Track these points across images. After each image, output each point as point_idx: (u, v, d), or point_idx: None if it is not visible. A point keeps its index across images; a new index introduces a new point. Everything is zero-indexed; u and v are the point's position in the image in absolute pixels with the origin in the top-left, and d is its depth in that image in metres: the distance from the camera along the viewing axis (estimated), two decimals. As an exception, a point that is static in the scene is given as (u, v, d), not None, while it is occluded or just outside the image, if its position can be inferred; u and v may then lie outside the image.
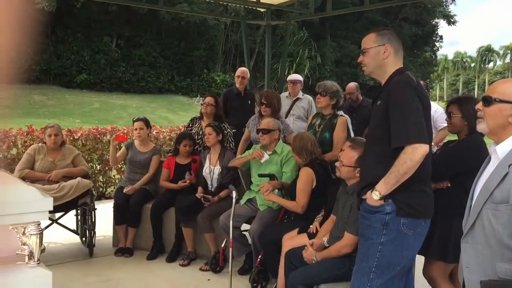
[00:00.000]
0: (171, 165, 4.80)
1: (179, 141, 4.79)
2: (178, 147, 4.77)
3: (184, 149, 4.74)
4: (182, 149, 4.75)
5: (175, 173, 4.76)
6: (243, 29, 8.53)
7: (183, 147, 4.74)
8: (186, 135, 4.88)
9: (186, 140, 4.76)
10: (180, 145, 4.74)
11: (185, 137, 4.81)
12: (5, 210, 2.14)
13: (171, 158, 4.83)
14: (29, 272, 2.20)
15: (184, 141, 4.75)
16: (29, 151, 4.59)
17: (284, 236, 3.54)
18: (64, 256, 4.47)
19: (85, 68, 19.62)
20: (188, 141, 4.77)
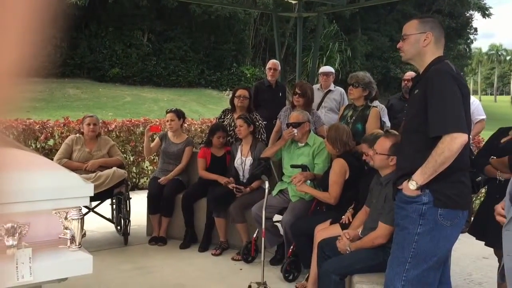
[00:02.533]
0: (207, 155, 4.82)
1: (212, 132, 4.78)
2: (211, 139, 4.77)
3: (217, 140, 4.73)
4: (216, 141, 4.74)
5: (211, 165, 4.79)
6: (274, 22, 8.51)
7: (216, 139, 4.73)
8: (219, 127, 4.86)
9: (219, 132, 4.75)
10: (214, 136, 4.74)
11: (219, 129, 4.80)
12: (48, 195, 2.21)
13: (206, 149, 4.83)
14: (71, 255, 2.27)
15: (218, 133, 4.74)
16: (67, 141, 4.72)
17: (317, 227, 3.55)
18: (100, 244, 4.59)
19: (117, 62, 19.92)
20: (222, 132, 4.76)
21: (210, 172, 4.75)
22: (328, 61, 21.68)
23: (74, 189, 2.28)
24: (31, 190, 2.15)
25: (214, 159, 4.80)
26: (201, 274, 4.00)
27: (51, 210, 2.25)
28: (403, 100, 5.67)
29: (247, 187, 4.43)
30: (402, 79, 5.88)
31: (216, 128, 4.85)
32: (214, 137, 4.74)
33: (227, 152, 4.80)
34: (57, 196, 2.22)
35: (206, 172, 4.76)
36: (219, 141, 4.74)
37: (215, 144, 4.77)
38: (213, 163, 4.78)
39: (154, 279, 3.85)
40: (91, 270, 2.29)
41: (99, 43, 19.88)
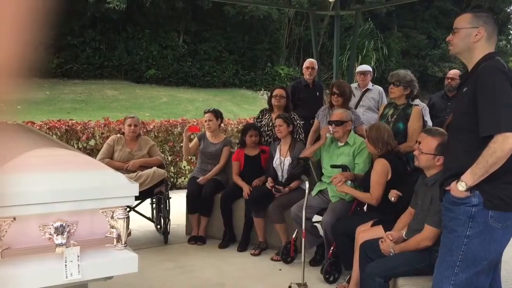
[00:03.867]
0: (240, 157, 4.83)
1: (244, 132, 4.81)
2: (244, 139, 4.78)
3: (250, 139, 4.74)
4: (249, 140, 4.75)
5: (245, 165, 4.80)
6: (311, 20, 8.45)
7: (249, 138, 4.74)
8: (251, 126, 4.90)
9: (251, 131, 4.76)
10: (246, 136, 4.75)
11: (250, 128, 4.83)
12: (95, 194, 2.26)
13: (239, 151, 4.85)
14: (117, 254, 2.31)
15: (249, 132, 4.75)
16: (109, 142, 4.81)
17: (358, 228, 3.50)
18: (141, 243, 4.67)
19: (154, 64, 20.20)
20: (254, 131, 4.77)
21: (244, 172, 4.79)
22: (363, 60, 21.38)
23: (120, 189, 2.32)
24: (79, 189, 2.19)
25: (247, 160, 4.81)
26: (241, 274, 4.01)
27: (98, 209, 2.29)
28: (446, 99, 5.54)
29: (285, 187, 4.41)
30: (445, 77, 5.74)
31: (247, 127, 4.90)
32: (246, 136, 4.76)
33: (262, 151, 4.80)
34: (104, 195, 2.26)
35: (238, 178, 4.78)
36: (252, 139, 4.75)
37: (249, 143, 4.78)
38: (247, 164, 4.80)
39: (195, 278, 3.88)
40: (136, 268, 2.33)
41: (136, 45, 20.20)
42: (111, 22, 19.67)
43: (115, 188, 2.30)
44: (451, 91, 5.48)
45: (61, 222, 2.17)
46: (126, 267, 2.32)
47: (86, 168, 2.29)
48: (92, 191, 2.23)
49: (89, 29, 19.39)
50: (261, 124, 5.14)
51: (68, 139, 6.34)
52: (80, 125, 6.55)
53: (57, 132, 6.31)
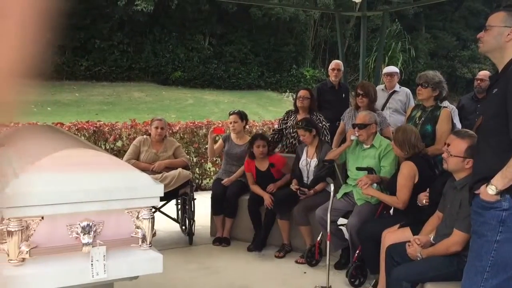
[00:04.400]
0: (251, 168, 4.72)
1: (251, 143, 4.65)
2: (252, 150, 4.64)
3: (258, 150, 4.57)
4: (257, 151, 4.58)
5: (257, 179, 4.73)
6: (337, 22, 8.39)
7: (256, 149, 4.58)
8: (257, 136, 4.75)
9: (258, 141, 4.61)
10: (253, 146, 4.60)
11: (257, 138, 4.67)
12: (121, 194, 2.28)
13: (250, 161, 4.72)
14: (143, 254, 2.33)
15: (256, 142, 4.60)
16: (135, 143, 4.87)
17: (384, 232, 3.44)
18: (166, 243, 4.70)
19: (180, 66, 20.40)
20: (261, 141, 4.61)
21: (258, 185, 4.69)
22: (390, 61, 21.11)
23: (146, 189, 2.33)
24: (106, 189, 2.22)
25: (258, 174, 4.70)
26: (265, 276, 3.99)
27: (123, 210, 2.31)
28: (476, 101, 5.41)
29: (311, 190, 4.38)
30: (475, 79, 5.61)
31: (254, 137, 4.74)
32: (253, 146, 4.60)
33: (271, 165, 4.65)
34: (130, 196, 2.28)
35: (255, 187, 4.68)
36: (259, 150, 4.58)
37: (257, 154, 4.61)
38: (259, 177, 4.70)
39: (220, 280, 3.89)
40: (161, 269, 2.34)
41: (162, 47, 20.45)
42: (138, 25, 19.96)
43: (140, 188, 2.32)
44: (480, 93, 5.35)
45: (88, 221, 2.19)
46: (151, 267, 2.33)
47: (113, 169, 2.32)
48: (118, 191, 2.25)
49: (117, 32, 19.72)
50: (286, 125, 5.12)
51: (96, 140, 6.45)
52: (107, 126, 6.66)
53: (85, 133, 6.42)
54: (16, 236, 2.02)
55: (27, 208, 2.05)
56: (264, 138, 4.69)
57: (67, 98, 16.58)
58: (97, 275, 2.15)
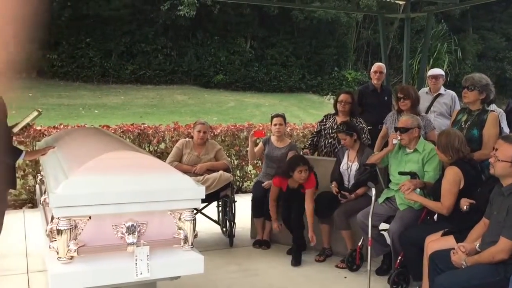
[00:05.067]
0: (283, 186, 4.44)
1: (292, 167, 4.28)
2: (291, 174, 4.29)
3: (299, 175, 4.25)
4: (297, 176, 4.26)
5: (285, 194, 4.46)
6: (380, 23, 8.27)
7: (298, 174, 4.25)
8: (299, 160, 4.34)
9: (300, 167, 4.24)
10: (295, 172, 4.25)
11: (299, 163, 4.28)
12: (164, 196, 2.34)
13: (283, 180, 4.40)
14: (184, 255, 2.38)
15: (298, 167, 4.24)
16: (178, 145, 4.96)
17: (428, 238, 3.37)
18: (207, 245, 4.76)
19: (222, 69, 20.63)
20: (303, 166, 4.25)
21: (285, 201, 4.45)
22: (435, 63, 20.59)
23: (188, 192, 2.39)
24: (149, 191, 2.28)
25: (288, 191, 4.44)
26: (305, 280, 3.98)
27: (166, 211, 2.38)
28: None
29: (352, 193, 4.33)
30: None
31: (296, 161, 4.34)
32: (295, 172, 4.26)
33: (301, 186, 4.35)
34: (173, 197, 2.34)
35: (273, 206, 4.48)
36: (301, 176, 4.26)
37: (296, 178, 4.30)
38: (287, 195, 4.45)
39: (259, 282, 3.91)
40: (202, 270, 2.38)
41: (205, 51, 20.75)
42: (181, 30, 20.33)
43: (183, 190, 2.37)
44: None
45: (132, 222, 2.27)
46: (193, 268, 2.38)
47: (157, 171, 2.38)
48: (161, 193, 2.31)
49: (161, 36, 20.16)
50: (325, 127, 5.10)
51: (140, 142, 6.61)
52: (151, 129, 6.81)
53: (130, 136, 6.59)
54: (65, 235, 2.11)
55: (75, 208, 2.14)
56: (306, 162, 4.31)
57: (113, 101, 17.06)
58: (141, 274, 2.21)
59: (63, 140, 3.45)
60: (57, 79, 18.74)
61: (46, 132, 6.06)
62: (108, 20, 19.26)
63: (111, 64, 19.25)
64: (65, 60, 18.77)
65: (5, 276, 3.62)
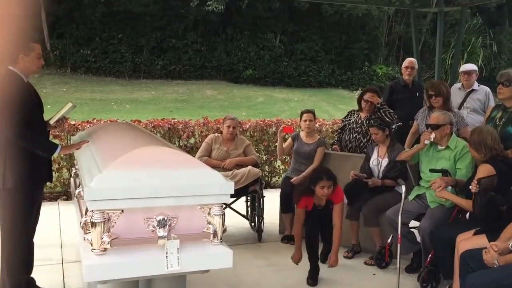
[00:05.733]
0: (308, 206, 3.82)
1: (314, 181, 3.71)
2: (313, 188, 3.72)
3: (321, 191, 3.66)
4: (320, 192, 3.67)
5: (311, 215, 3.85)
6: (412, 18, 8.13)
7: (320, 189, 3.67)
8: (322, 174, 3.74)
9: (323, 181, 3.65)
10: (317, 187, 3.68)
11: (322, 177, 3.68)
12: (195, 191, 2.38)
13: (308, 198, 3.80)
14: (213, 249, 2.41)
15: (321, 182, 3.65)
16: (207, 140, 5.02)
17: (459, 236, 3.32)
18: (236, 239, 4.81)
19: (251, 64, 20.67)
20: (327, 182, 3.65)
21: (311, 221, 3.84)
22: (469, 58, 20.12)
23: (217, 187, 2.42)
24: (180, 186, 2.32)
25: (314, 211, 3.83)
26: (333, 276, 3.98)
27: (196, 205, 2.41)
28: None
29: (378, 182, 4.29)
30: None
31: (318, 176, 3.73)
32: (317, 187, 3.68)
33: (329, 202, 3.79)
34: (203, 192, 2.38)
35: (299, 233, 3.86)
36: (323, 192, 3.67)
37: (319, 195, 3.72)
38: (313, 215, 3.85)
39: (287, 277, 3.93)
40: (231, 264, 2.41)
41: (234, 46, 20.82)
42: (211, 25, 20.44)
43: (212, 186, 2.40)
44: None
45: (163, 216, 2.31)
46: (221, 262, 2.41)
47: (187, 166, 2.42)
48: (192, 188, 2.35)
49: (191, 31, 20.32)
50: (349, 122, 5.08)
51: (170, 137, 6.70)
52: (181, 124, 6.90)
53: (161, 130, 6.69)
54: (99, 227, 2.17)
55: (109, 201, 2.20)
56: (330, 177, 3.70)
57: (144, 96, 17.32)
58: (171, 267, 2.26)
59: (97, 134, 3.54)
60: (90, 74, 19.13)
61: (80, 127, 6.22)
62: (139, 16, 19.53)
63: (142, 60, 19.53)
64: (98, 55, 19.15)
65: (41, 266, 3.74)
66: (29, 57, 3.07)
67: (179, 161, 2.43)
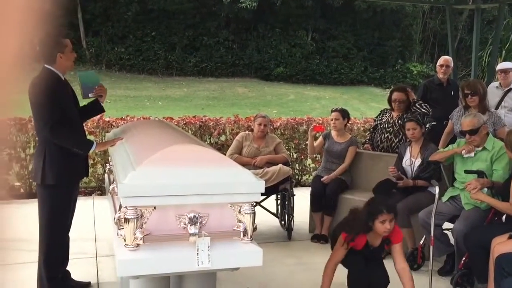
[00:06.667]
0: (359, 244, 3.17)
1: (373, 215, 3.05)
2: (371, 224, 3.08)
3: (382, 227, 3.03)
4: (380, 228, 3.05)
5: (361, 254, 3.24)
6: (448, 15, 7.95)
7: (380, 225, 3.03)
8: (381, 206, 3.05)
9: (384, 215, 3.00)
10: (376, 221, 3.04)
11: (381, 210, 3.02)
12: (226, 189, 2.39)
13: (362, 236, 3.14)
14: (244, 247, 2.42)
15: (381, 216, 3.01)
16: (238, 138, 5.04)
17: (494, 240, 3.24)
18: (266, 237, 4.82)
19: (282, 62, 20.64)
20: (388, 215, 3.01)
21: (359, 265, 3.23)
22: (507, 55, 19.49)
23: (248, 185, 2.43)
24: (212, 184, 2.34)
25: (367, 251, 3.21)
26: (363, 277, 3.93)
27: (227, 204, 2.43)
28: None
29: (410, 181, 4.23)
30: None
31: (377, 209, 3.05)
32: (376, 222, 3.04)
33: (386, 241, 3.20)
34: (234, 191, 2.39)
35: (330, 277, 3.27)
36: (385, 227, 3.03)
37: (380, 231, 3.07)
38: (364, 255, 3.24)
39: (317, 276, 3.88)
40: (261, 262, 2.42)
41: (266, 43, 20.84)
42: (243, 22, 20.50)
43: (243, 184, 2.42)
44: None
45: (194, 213, 2.34)
46: (251, 260, 2.42)
47: (219, 165, 2.44)
48: (223, 186, 2.37)
49: (223, 29, 20.43)
50: (381, 121, 5.02)
51: (201, 134, 6.76)
52: (212, 121, 6.95)
53: (192, 128, 6.76)
54: (132, 223, 2.21)
55: (142, 198, 2.24)
56: (391, 208, 3.08)
57: (176, 93, 17.53)
58: (202, 264, 2.28)
59: (130, 132, 3.60)
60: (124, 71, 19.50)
61: (114, 123, 6.35)
62: (173, 14, 19.77)
63: (174, 57, 19.77)
64: (131, 53, 19.48)
65: (76, 260, 3.85)
66: (65, 54, 3.15)
67: (211, 159, 2.45)
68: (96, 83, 3.42)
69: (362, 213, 3.13)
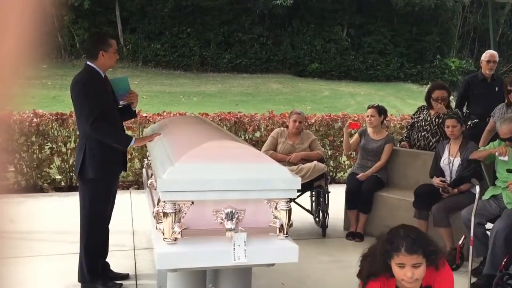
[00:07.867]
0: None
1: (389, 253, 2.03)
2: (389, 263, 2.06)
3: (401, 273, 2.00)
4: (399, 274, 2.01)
5: None
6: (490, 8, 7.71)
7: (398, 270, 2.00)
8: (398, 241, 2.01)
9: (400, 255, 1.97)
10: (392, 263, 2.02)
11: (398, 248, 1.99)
12: (262, 186, 2.41)
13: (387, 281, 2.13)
14: (279, 243, 2.43)
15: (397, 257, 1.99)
16: (273, 134, 5.05)
17: (538, 241, 3.13)
18: (300, 234, 4.81)
19: (317, 58, 20.53)
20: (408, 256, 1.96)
21: None
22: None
23: (285, 182, 2.44)
24: (248, 180, 2.36)
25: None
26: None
27: (263, 200, 2.44)
28: None
29: (454, 189, 4.13)
30: None
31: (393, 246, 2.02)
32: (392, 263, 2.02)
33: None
34: (270, 187, 2.40)
35: None
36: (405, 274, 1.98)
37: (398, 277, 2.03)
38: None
39: (352, 275, 3.82)
40: (296, 259, 2.42)
41: (300, 39, 20.76)
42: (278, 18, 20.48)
43: (280, 181, 2.42)
44: None
45: (231, 209, 2.36)
46: (287, 257, 2.43)
47: (256, 161, 2.46)
48: (260, 182, 2.38)
49: (258, 25, 20.46)
50: (418, 119, 4.92)
51: (236, 130, 6.79)
52: (247, 117, 6.97)
53: (227, 124, 6.80)
54: (171, 218, 2.25)
55: (180, 193, 2.27)
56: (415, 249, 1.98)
57: (211, 89, 17.68)
58: (238, 259, 2.30)
59: (168, 127, 3.66)
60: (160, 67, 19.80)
61: (151, 119, 6.46)
62: (207, 11, 19.94)
63: (209, 53, 19.95)
64: (167, 49, 19.78)
65: (115, 252, 3.94)
66: (108, 53, 3.23)
67: (248, 155, 2.47)
68: (127, 90, 3.46)
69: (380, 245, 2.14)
